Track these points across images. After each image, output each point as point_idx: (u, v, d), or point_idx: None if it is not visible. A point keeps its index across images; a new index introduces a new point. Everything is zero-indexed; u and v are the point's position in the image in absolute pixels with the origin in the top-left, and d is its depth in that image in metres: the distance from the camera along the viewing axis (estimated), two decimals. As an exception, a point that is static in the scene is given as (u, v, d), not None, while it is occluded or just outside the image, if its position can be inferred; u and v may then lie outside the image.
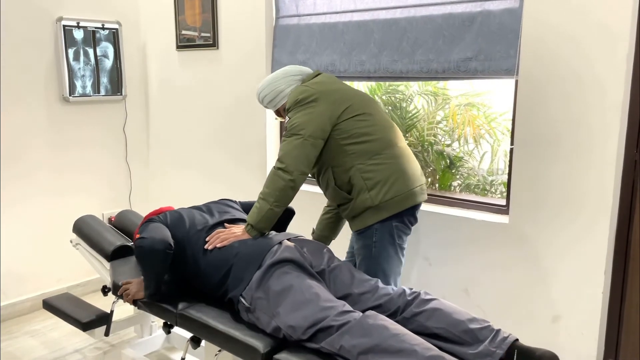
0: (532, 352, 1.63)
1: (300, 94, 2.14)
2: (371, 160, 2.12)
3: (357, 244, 2.22)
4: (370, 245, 2.16)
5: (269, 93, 2.28)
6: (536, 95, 2.23)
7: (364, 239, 2.17)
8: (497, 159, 3.20)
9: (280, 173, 2.06)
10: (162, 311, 2.11)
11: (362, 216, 2.14)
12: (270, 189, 2.08)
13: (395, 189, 2.11)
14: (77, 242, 2.80)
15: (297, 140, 2.07)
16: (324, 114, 2.10)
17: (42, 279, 3.41)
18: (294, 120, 2.11)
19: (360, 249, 2.20)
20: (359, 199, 2.12)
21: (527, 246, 2.34)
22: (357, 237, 2.20)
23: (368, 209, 2.12)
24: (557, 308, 2.29)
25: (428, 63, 2.52)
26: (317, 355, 1.71)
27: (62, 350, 2.92)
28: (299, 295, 1.81)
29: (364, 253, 2.19)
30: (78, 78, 3.42)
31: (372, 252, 2.16)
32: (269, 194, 2.09)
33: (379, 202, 2.10)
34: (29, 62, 3.23)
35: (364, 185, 2.11)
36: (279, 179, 2.07)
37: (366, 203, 2.11)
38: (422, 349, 1.57)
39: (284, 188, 2.06)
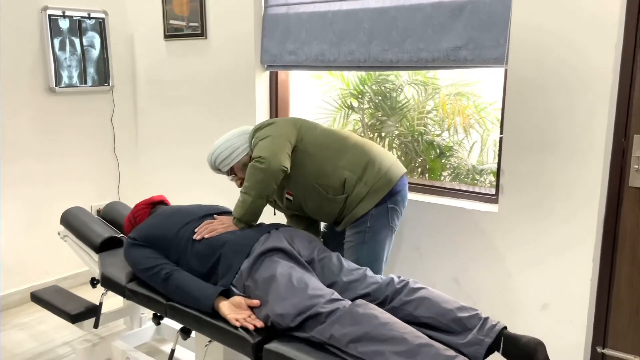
0: (518, 340, 1.64)
1: (259, 124, 2.30)
2: (344, 154, 2.23)
3: (349, 232, 2.25)
4: (363, 231, 2.21)
5: (225, 150, 2.27)
6: (525, 84, 2.23)
7: (358, 227, 2.22)
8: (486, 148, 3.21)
9: (257, 165, 2.11)
10: (152, 302, 2.10)
11: (359, 206, 2.19)
12: (251, 182, 2.12)
13: (379, 167, 2.22)
14: (65, 234, 2.77)
15: (267, 140, 2.16)
16: (284, 127, 2.23)
17: (30, 272, 3.38)
18: (259, 135, 2.22)
19: (351, 236, 2.24)
20: (355, 192, 2.19)
21: (516, 235, 2.35)
22: (350, 226, 2.24)
23: (365, 196, 2.18)
24: (546, 296, 2.31)
25: (418, 52, 2.51)
26: (307, 344, 1.70)
27: (51, 342, 2.90)
28: (288, 284, 1.80)
29: (356, 239, 2.22)
30: (64, 68, 3.37)
31: (364, 238, 2.21)
32: (250, 188, 2.13)
33: (373, 185, 2.18)
34: (14, 52, 3.18)
35: (353, 177, 2.18)
36: (256, 171, 2.11)
37: (362, 191, 2.18)
38: (412, 337, 1.57)
39: (262, 179, 2.10)
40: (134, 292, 2.16)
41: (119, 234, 2.63)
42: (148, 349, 2.81)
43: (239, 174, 2.30)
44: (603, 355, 2.25)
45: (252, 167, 2.12)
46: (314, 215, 2.35)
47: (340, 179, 2.19)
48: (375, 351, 1.56)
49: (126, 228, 2.48)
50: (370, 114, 3.62)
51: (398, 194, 2.24)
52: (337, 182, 2.20)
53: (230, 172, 2.32)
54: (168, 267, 2.06)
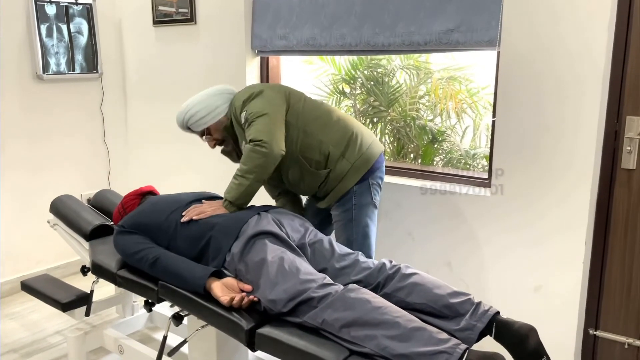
0: (510, 325, 1.63)
1: (247, 92, 2.22)
2: (329, 129, 2.23)
3: (336, 211, 2.27)
4: (350, 208, 2.23)
5: (201, 109, 2.22)
6: (518, 66, 2.21)
7: (344, 204, 2.24)
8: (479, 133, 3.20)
9: (257, 148, 2.07)
10: (143, 289, 2.08)
11: (342, 182, 2.22)
12: (249, 165, 2.09)
13: (361, 143, 2.24)
14: (55, 223, 2.74)
15: (263, 118, 2.12)
16: (275, 97, 2.20)
17: (20, 261, 3.35)
18: (252, 108, 2.15)
19: (339, 215, 2.26)
20: (337, 167, 2.21)
21: (508, 218, 2.34)
22: (336, 205, 2.26)
23: (347, 172, 2.21)
24: (539, 278, 2.31)
25: (410, 35, 2.49)
26: (300, 328, 1.69)
27: (43, 332, 2.89)
28: (279, 269, 1.79)
29: (344, 217, 2.24)
30: (52, 55, 3.32)
31: (352, 215, 2.23)
32: (247, 171, 2.10)
33: (355, 161, 2.21)
34: (0, 39, 3.12)
35: (336, 152, 2.21)
36: (256, 155, 2.08)
37: (345, 167, 2.21)
38: (405, 321, 1.56)
39: (261, 164, 2.08)
40: (125, 279, 2.14)
41: (110, 222, 2.60)
42: (141, 337, 2.80)
43: (215, 134, 2.27)
44: (595, 337, 2.26)
45: (253, 151, 2.08)
46: (292, 188, 2.35)
47: (324, 153, 2.21)
48: (368, 335, 1.56)
49: (115, 219, 2.45)
50: (362, 99, 3.60)
51: (378, 170, 2.28)
52: (321, 156, 2.21)
53: (204, 133, 2.29)
54: (155, 250, 2.04)
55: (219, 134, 2.27)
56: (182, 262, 1.97)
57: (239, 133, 2.25)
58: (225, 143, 2.33)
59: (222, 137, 2.30)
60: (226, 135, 2.30)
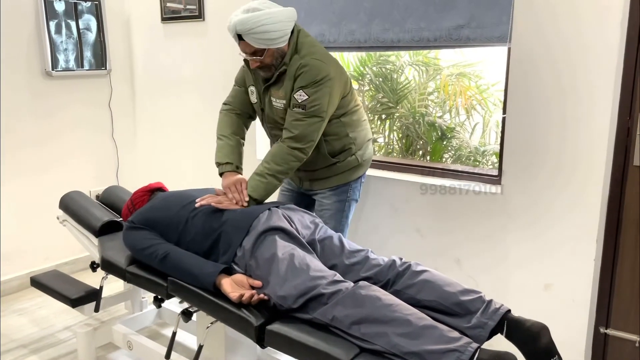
0: (522, 323, 1.62)
1: (320, 72, 2.11)
2: (358, 128, 2.33)
3: (328, 200, 2.35)
4: (344, 200, 2.36)
5: (278, 30, 2.03)
6: (529, 63, 2.19)
7: (339, 195, 2.35)
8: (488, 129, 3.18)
9: (298, 153, 2.14)
10: (153, 285, 2.08)
11: (343, 174, 2.32)
12: (284, 167, 2.15)
13: (369, 149, 2.41)
14: (64, 219, 2.74)
15: (318, 123, 2.13)
16: (338, 94, 2.18)
17: (29, 257, 3.36)
18: (315, 100, 2.11)
19: (331, 204, 2.35)
20: (346, 161, 2.30)
21: (518, 215, 2.33)
22: (329, 193, 2.34)
23: (352, 168, 2.32)
24: (549, 276, 2.29)
25: (419, 31, 2.47)
26: (310, 325, 1.69)
27: (52, 327, 2.90)
28: (289, 265, 1.78)
29: (336, 208, 2.35)
30: (60, 52, 3.33)
31: (344, 206, 2.36)
32: (282, 172, 2.15)
33: (361, 161, 2.35)
34: (10, 36, 3.13)
35: (353, 148, 2.30)
36: (294, 159, 2.14)
37: (352, 163, 2.32)
38: (415, 319, 1.55)
39: (295, 166, 2.16)
40: (134, 275, 2.14)
41: (119, 218, 2.60)
42: (149, 333, 2.81)
43: (267, 58, 2.09)
44: (606, 335, 2.24)
45: (292, 154, 2.13)
46: None
47: (345, 146, 2.28)
48: (378, 332, 1.55)
49: (125, 216, 2.45)
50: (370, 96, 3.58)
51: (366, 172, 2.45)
52: (341, 147, 2.28)
53: (256, 53, 2.08)
54: (165, 246, 2.04)
55: (271, 59, 2.11)
56: (192, 258, 1.97)
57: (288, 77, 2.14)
58: (266, 69, 2.14)
59: (272, 62, 2.12)
60: (275, 62, 2.13)
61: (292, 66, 2.13)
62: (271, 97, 2.22)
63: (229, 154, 2.28)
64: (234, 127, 2.36)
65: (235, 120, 2.38)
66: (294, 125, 2.12)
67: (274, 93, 2.20)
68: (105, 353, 2.64)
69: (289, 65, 2.13)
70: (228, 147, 2.30)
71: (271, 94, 2.21)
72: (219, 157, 2.29)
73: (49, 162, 3.40)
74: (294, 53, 2.14)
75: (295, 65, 2.12)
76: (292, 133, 2.12)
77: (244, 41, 2.07)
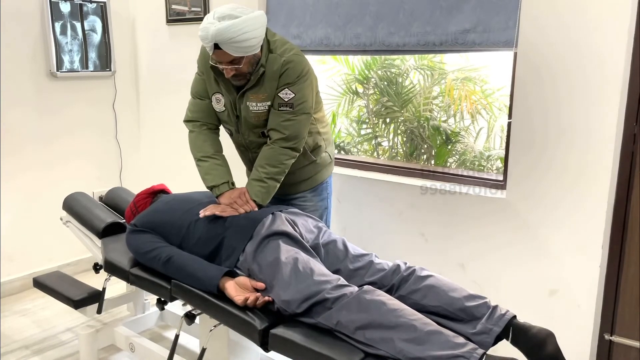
0: (528, 330, 1.61)
1: (303, 67, 2.09)
2: (324, 123, 2.35)
3: (310, 202, 2.37)
4: (325, 198, 2.41)
5: (256, 36, 1.95)
6: (535, 67, 2.19)
7: (320, 194, 2.39)
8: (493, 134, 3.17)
9: (290, 152, 2.14)
10: (156, 287, 2.07)
11: (320, 173, 2.36)
12: (281, 168, 2.14)
13: (333, 145, 2.44)
14: (68, 220, 2.74)
15: (306, 120, 2.14)
16: (316, 88, 2.21)
17: (31, 258, 3.36)
18: (302, 97, 2.10)
19: (315, 204, 2.37)
20: (320, 158, 2.33)
21: (524, 220, 2.32)
22: (310, 195, 2.36)
23: (326, 165, 2.36)
24: (554, 282, 2.28)
25: (425, 35, 2.47)
26: (314, 329, 1.68)
27: (54, 328, 2.89)
28: (293, 270, 1.78)
29: (321, 207, 2.39)
30: (65, 53, 3.33)
31: (327, 203, 2.42)
32: (278, 173, 2.15)
33: (332, 158, 2.41)
34: (15, 36, 3.13)
35: (324, 145, 2.33)
36: (288, 157, 2.14)
37: (326, 160, 2.36)
38: (421, 324, 1.55)
39: (290, 164, 2.16)
40: (137, 277, 2.13)
41: (122, 219, 2.60)
42: (151, 335, 2.80)
43: (245, 66, 2.01)
44: (611, 342, 2.23)
45: (285, 154, 2.13)
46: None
47: (317, 143, 2.29)
48: (383, 338, 1.54)
49: (128, 218, 2.45)
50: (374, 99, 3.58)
51: None
52: (313, 144, 2.28)
53: (234, 62, 1.99)
54: (168, 249, 2.03)
55: (248, 66, 2.03)
56: (196, 261, 1.96)
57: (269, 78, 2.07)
58: (241, 76, 2.06)
59: (249, 70, 2.04)
60: (251, 69, 2.05)
61: (272, 65, 2.06)
62: (248, 102, 2.12)
63: (223, 174, 2.19)
64: (213, 144, 2.25)
65: (210, 137, 2.26)
66: (284, 126, 2.10)
67: (253, 97, 2.10)
68: (107, 355, 2.63)
69: (266, 66, 2.06)
70: (218, 167, 2.20)
71: (248, 99, 2.12)
72: (211, 180, 2.17)
73: (52, 162, 3.40)
74: (268, 52, 2.07)
75: (276, 63, 2.06)
76: (283, 134, 2.10)
77: (220, 50, 1.94)
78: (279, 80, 2.07)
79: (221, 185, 2.17)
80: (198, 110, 2.26)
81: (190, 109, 2.29)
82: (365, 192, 2.77)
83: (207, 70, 2.18)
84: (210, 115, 2.26)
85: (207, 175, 2.20)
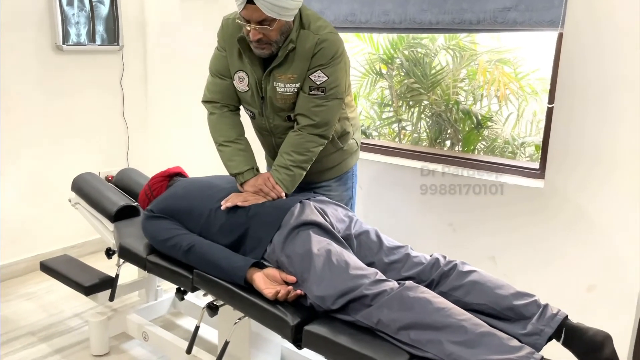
0: (583, 332, 1.50)
1: (338, 47, 1.92)
2: (352, 107, 2.19)
3: (335, 191, 2.22)
4: (351, 187, 2.27)
5: (296, 2, 1.79)
6: (582, 50, 2.05)
7: (345, 183, 2.24)
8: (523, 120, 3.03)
9: (319, 139, 1.99)
10: (176, 276, 1.95)
11: (346, 161, 2.21)
12: (308, 156, 2.00)
13: (359, 132, 2.29)
14: (77, 202, 2.61)
15: (338, 105, 1.99)
16: (348, 69, 2.05)
17: (36, 239, 3.23)
18: (335, 80, 1.94)
19: (340, 195, 2.23)
20: (347, 145, 2.18)
21: (560, 212, 2.20)
22: (335, 184, 2.22)
23: (353, 152, 2.22)
24: (592, 277, 2.18)
25: (461, 13, 2.32)
26: (352, 327, 1.57)
27: (61, 314, 2.78)
28: (326, 262, 1.66)
29: (346, 196, 2.25)
30: (72, 25, 3.16)
31: (352, 193, 2.28)
32: (305, 161, 2.00)
33: (359, 144, 2.27)
34: (20, 7, 2.96)
35: (352, 131, 2.18)
36: (316, 145, 2.00)
37: (353, 148, 2.22)
38: (471, 325, 1.43)
39: (318, 152, 2.02)
40: (156, 265, 2.01)
41: (135, 202, 2.47)
42: (163, 323, 2.69)
43: (274, 33, 1.83)
44: (651, 342, 2.13)
45: (314, 141, 1.98)
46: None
47: (345, 129, 2.14)
48: (431, 340, 1.43)
49: (142, 202, 2.31)
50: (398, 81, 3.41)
51: None
52: (341, 131, 2.13)
53: (264, 22, 1.80)
54: (189, 237, 1.91)
55: (277, 33, 1.84)
56: (220, 250, 1.84)
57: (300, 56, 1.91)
58: (267, 45, 1.88)
59: (276, 38, 1.86)
60: (279, 39, 1.88)
61: (304, 43, 1.89)
62: (275, 83, 1.95)
63: (248, 160, 2.05)
64: (235, 127, 2.10)
65: (232, 119, 2.11)
66: (314, 112, 1.95)
67: (281, 77, 1.93)
68: (119, 343, 2.52)
69: (297, 42, 1.89)
70: (241, 152, 2.06)
71: (275, 79, 1.95)
72: (234, 167, 2.03)
73: (57, 140, 3.25)
74: (299, 28, 1.90)
75: (309, 41, 1.89)
76: (313, 120, 1.95)
77: (252, 5, 1.74)
78: (311, 60, 1.91)
79: (245, 172, 2.03)
80: (218, 90, 2.09)
81: (209, 89, 2.12)
82: (387, 178, 2.64)
83: (230, 45, 2.03)
84: (231, 95, 2.10)
85: (230, 162, 2.05)
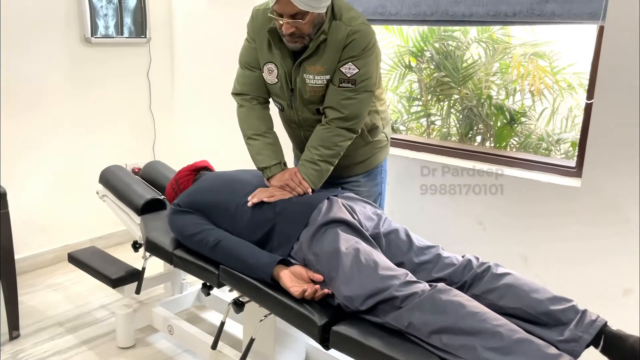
0: (624, 340, 1.43)
1: (370, 39, 1.88)
2: (382, 100, 2.15)
3: (364, 187, 2.18)
4: (380, 183, 2.22)
5: None
6: (624, 44, 1.96)
7: (374, 179, 2.20)
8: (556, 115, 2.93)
9: (347, 133, 1.95)
10: (202, 271, 1.93)
11: (375, 156, 2.16)
12: (336, 150, 1.96)
13: (390, 126, 2.24)
14: (104, 194, 2.62)
15: (368, 99, 1.94)
16: (379, 62, 1.99)
17: (63, 230, 3.26)
18: (366, 73, 1.89)
19: (368, 190, 2.18)
20: (376, 139, 2.14)
21: (599, 212, 2.12)
22: (364, 180, 2.17)
23: (382, 147, 2.17)
24: (629, 280, 2.09)
25: (496, 5, 2.24)
26: (381, 329, 1.53)
27: (88, 305, 2.80)
28: (354, 261, 1.61)
29: (375, 192, 2.20)
30: (100, 17, 3.16)
31: (382, 189, 2.23)
32: (333, 155, 1.96)
33: (389, 139, 2.21)
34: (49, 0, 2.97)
35: (381, 125, 2.14)
36: (344, 139, 1.95)
37: (382, 142, 2.17)
38: (507, 331, 1.38)
39: (346, 146, 1.98)
40: (182, 260, 2.00)
41: (161, 196, 2.47)
42: (188, 316, 2.69)
43: (307, 26, 1.80)
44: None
45: (342, 135, 1.94)
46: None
47: (375, 123, 2.10)
48: (464, 345, 1.38)
49: (169, 196, 2.31)
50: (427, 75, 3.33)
51: None
52: (371, 124, 2.09)
53: (296, 16, 1.78)
54: (217, 233, 1.89)
55: (310, 26, 1.82)
56: (247, 247, 1.81)
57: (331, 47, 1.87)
58: (299, 39, 1.86)
59: (309, 31, 1.83)
60: (312, 31, 1.85)
61: (336, 34, 1.85)
62: (305, 75, 1.92)
63: (276, 154, 2.02)
64: (265, 120, 2.07)
65: (262, 112, 2.08)
66: (343, 105, 1.90)
67: (310, 69, 1.90)
68: (144, 336, 2.53)
69: (328, 34, 1.86)
70: (269, 146, 2.03)
71: (305, 71, 1.92)
72: (262, 161, 2.01)
73: (85, 133, 3.26)
74: (331, 19, 1.86)
75: (341, 32, 1.85)
76: (342, 113, 1.91)
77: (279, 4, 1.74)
78: (343, 52, 1.87)
79: (273, 166, 2.00)
80: (248, 82, 2.07)
81: (239, 81, 2.10)
82: (415, 174, 2.58)
83: (260, 37, 2.00)
84: (261, 87, 2.07)
85: (259, 156, 2.02)
